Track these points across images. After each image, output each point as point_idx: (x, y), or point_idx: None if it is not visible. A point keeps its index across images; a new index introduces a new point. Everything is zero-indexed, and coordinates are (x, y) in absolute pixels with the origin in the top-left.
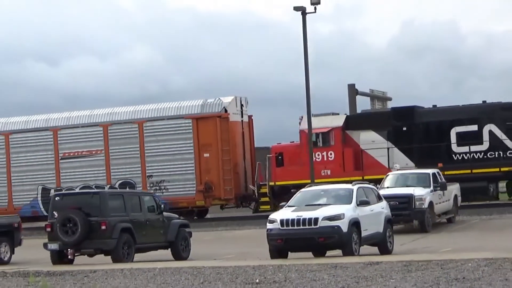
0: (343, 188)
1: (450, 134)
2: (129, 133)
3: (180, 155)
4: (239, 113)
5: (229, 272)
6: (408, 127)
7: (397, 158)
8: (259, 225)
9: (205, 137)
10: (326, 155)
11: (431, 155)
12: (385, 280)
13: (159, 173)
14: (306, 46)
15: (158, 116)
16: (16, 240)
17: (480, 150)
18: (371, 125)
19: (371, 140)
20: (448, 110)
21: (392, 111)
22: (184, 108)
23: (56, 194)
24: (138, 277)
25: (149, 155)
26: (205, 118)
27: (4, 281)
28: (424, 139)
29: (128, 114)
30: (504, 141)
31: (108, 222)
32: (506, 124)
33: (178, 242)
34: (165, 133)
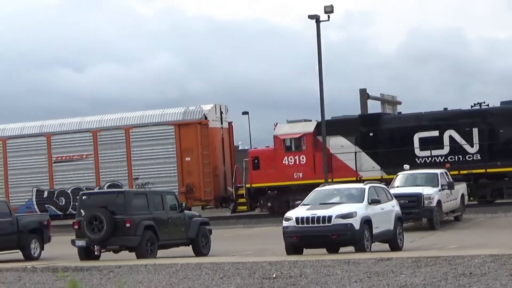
0: (355, 187)
1: (413, 139)
2: (117, 139)
3: (163, 159)
4: (218, 120)
5: (247, 268)
6: (374, 132)
7: (364, 162)
8: (275, 223)
9: (187, 142)
10: (299, 159)
11: (396, 159)
12: (395, 275)
13: (144, 175)
14: (320, 52)
15: (143, 122)
16: (45, 237)
17: (441, 154)
18: (340, 131)
19: (340, 145)
20: (411, 117)
21: (359, 117)
22: (167, 115)
23: (83, 193)
24: (161, 272)
25: (135, 159)
26: (186, 125)
27: (34, 276)
28: (390, 144)
29: (115, 121)
30: (463, 145)
31: (133, 220)
32: (465, 130)
33: (199, 239)
34: (150, 138)
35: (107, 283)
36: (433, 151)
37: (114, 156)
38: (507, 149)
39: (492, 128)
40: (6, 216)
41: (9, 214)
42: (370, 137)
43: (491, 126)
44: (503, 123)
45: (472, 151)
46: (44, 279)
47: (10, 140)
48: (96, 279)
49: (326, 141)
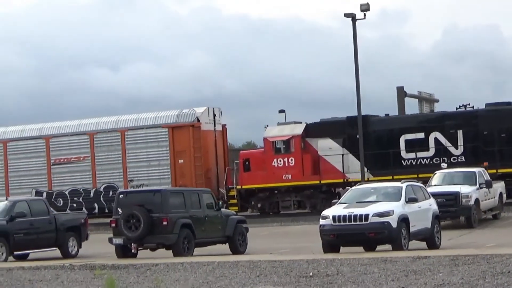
0: (392, 186)
1: (400, 142)
2: (113, 141)
3: (157, 161)
4: (211, 122)
5: (284, 266)
6: (362, 135)
7: (351, 164)
8: (312, 221)
9: (180, 145)
10: (287, 161)
11: (382, 161)
12: (433, 274)
13: (139, 177)
14: (357, 50)
15: (138, 125)
16: (83, 235)
17: (426, 156)
18: (328, 133)
19: (328, 147)
20: (398, 119)
21: (347, 120)
22: (161, 118)
23: (120, 192)
24: (197, 270)
25: (130, 161)
26: (179, 127)
27: (72, 273)
28: (376, 146)
29: (111, 124)
30: (448, 147)
31: (169, 218)
32: (450, 132)
33: (236, 237)
34: (144, 141)
35: (144, 281)
36: (419, 153)
37: (110, 158)
38: (491, 151)
39: (476, 130)
40: (45, 214)
41: (47, 212)
42: (357, 139)
43: (476, 128)
44: (487, 125)
45: (457, 153)
46: (82, 277)
47: (11, 143)
48: (133, 277)
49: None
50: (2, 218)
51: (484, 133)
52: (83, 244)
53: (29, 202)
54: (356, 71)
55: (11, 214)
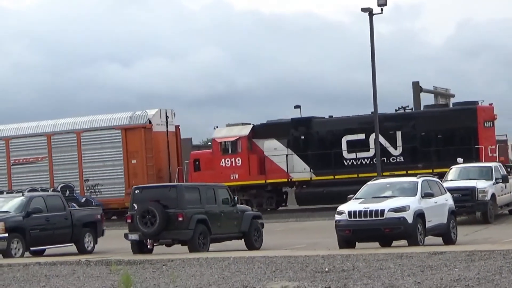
0: (408, 181)
1: (342, 142)
2: (69, 142)
3: (111, 161)
4: (163, 124)
5: (300, 261)
6: (305, 136)
7: (296, 163)
8: (327, 217)
9: (132, 146)
10: (235, 161)
11: (325, 161)
12: (449, 269)
13: (94, 177)
14: (373, 45)
15: (93, 127)
16: (99, 230)
17: (367, 156)
18: (274, 134)
19: (273, 148)
20: (340, 120)
21: (292, 121)
22: (115, 120)
23: (136, 187)
24: (213, 265)
25: (86, 161)
26: (132, 129)
27: (88, 269)
28: (320, 147)
29: (68, 125)
30: (388, 148)
31: (185, 214)
32: (389, 133)
33: (251, 232)
34: (99, 142)
35: (160, 276)
36: (360, 153)
37: (66, 159)
38: (428, 151)
39: (414, 132)
40: (61, 210)
41: (63, 208)
42: (301, 140)
43: (413, 129)
44: (424, 127)
45: (396, 153)
46: (98, 272)
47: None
48: (148, 273)
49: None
50: (18, 214)
51: (422, 134)
52: (99, 240)
53: (45, 197)
54: (373, 66)
55: (27, 209)
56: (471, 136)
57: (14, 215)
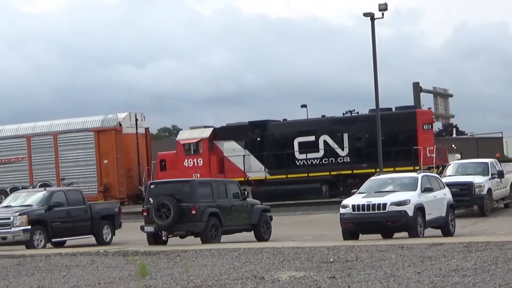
0: (408, 176)
1: (294, 144)
2: (47, 143)
3: (85, 161)
4: (133, 126)
5: (306, 252)
6: (261, 138)
7: (252, 164)
8: (333, 210)
9: (104, 147)
10: (197, 161)
11: (278, 161)
12: (447, 260)
13: (70, 176)
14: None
15: (68, 129)
16: (116, 223)
17: (316, 157)
18: (233, 136)
19: (232, 149)
20: (293, 123)
21: (249, 124)
22: (88, 122)
23: (151, 182)
24: (224, 256)
25: (62, 161)
26: (104, 131)
27: (106, 259)
28: (274, 148)
29: (46, 128)
30: (336, 149)
31: (198, 207)
32: (337, 135)
33: (260, 225)
34: (74, 143)
35: (174, 266)
36: (311, 154)
37: (44, 159)
38: (371, 152)
39: (359, 134)
40: (80, 204)
41: (83, 202)
42: (257, 142)
43: (359, 131)
44: (369, 129)
45: (343, 154)
46: (115, 262)
47: None
48: (163, 263)
49: (223, 144)
50: (40, 207)
51: (366, 136)
52: (117, 232)
53: (66, 192)
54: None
55: (49, 203)
56: (411, 138)
57: (36, 208)
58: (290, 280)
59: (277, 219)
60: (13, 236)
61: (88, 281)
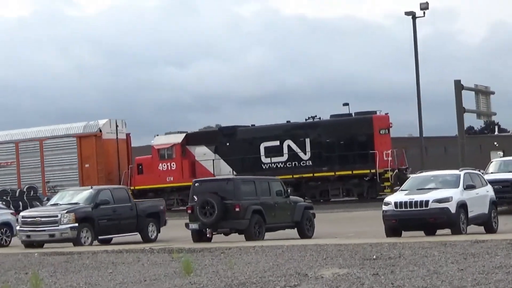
0: (451, 173)
1: (260, 148)
2: (33, 149)
3: (68, 165)
4: (113, 132)
5: (349, 249)
6: (230, 142)
7: (222, 167)
8: (375, 207)
9: (86, 152)
10: (170, 165)
11: (247, 165)
12: (490, 257)
13: (54, 179)
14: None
15: (53, 135)
16: (161, 220)
17: (281, 161)
18: (204, 141)
19: (203, 153)
20: (260, 129)
21: (219, 129)
22: (72, 128)
23: (195, 180)
24: (268, 253)
25: (47, 165)
26: (85, 137)
27: (151, 256)
28: (242, 152)
29: (33, 134)
30: (299, 153)
31: (241, 205)
32: (299, 140)
33: (304, 222)
34: (58, 148)
35: (218, 263)
36: (276, 158)
37: (31, 163)
38: (331, 156)
39: (320, 139)
40: (126, 202)
41: (128, 200)
42: (226, 147)
43: (320, 136)
44: (329, 134)
45: (305, 158)
46: (161, 259)
47: None
48: (208, 260)
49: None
50: (87, 205)
51: (327, 141)
52: (162, 229)
53: (112, 190)
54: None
55: (95, 201)
56: (368, 142)
57: (83, 206)
58: (333, 277)
59: (320, 216)
60: (61, 234)
61: (134, 278)
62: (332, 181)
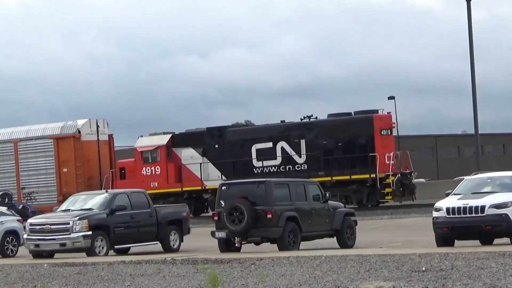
0: (510, 175)
1: (251, 151)
2: (7, 151)
3: (45, 170)
4: (94, 133)
5: (395, 260)
6: (219, 144)
7: (210, 171)
8: (424, 213)
9: (64, 155)
10: (154, 170)
11: (237, 168)
12: None
13: (30, 185)
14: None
15: (28, 136)
16: (184, 228)
17: (274, 164)
18: (191, 143)
19: (189, 156)
20: (251, 130)
21: (207, 130)
22: (48, 129)
23: (222, 183)
24: (304, 264)
25: (22, 170)
26: (63, 138)
27: (174, 268)
28: (232, 155)
29: (6, 135)
30: (293, 156)
31: (274, 211)
32: (294, 142)
33: (344, 230)
34: (34, 151)
35: (248, 276)
36: (268, 161)
37: (5, 167)
38: (328, 159)
39: (316, 140)
40: (145, 207)
41: (148, 205)
42: (215, 149)
43: (316, 138)
44: (326, 135)
45: (300, 161)
46: (184, 271)
47: None
48: (237, 272)
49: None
50: (102, 211)
51: (323, 142)
52: (185, 238)
53: (129, 194)
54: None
55: (111, 207)
56: (368, 144)
57: (98, 212)
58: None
59: (363, 223)
60: (73, 243)
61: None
62: (329, 187)
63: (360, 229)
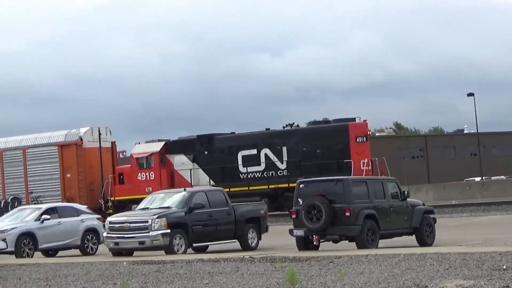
0: None
1: (238, 157)
2: (17, 158)
3: (50, 175)
4: (96, 140)
5: (475, 258)
6: (208, 151)
7: (201, 177)
8: (505, 211)
9: (67, 161)
10: (149, 175)
11: (224, 174)
12: None
13: (37, 190)
14: None
15: (36, 144)
16: (263, 226)
17: (258, 170)
18: (183, 149)
19: (181, 162)
20: (238, 137)
21: (197, 137)
22: (53, 137)
23: (300, 181)
24: (382, 262)
25: (30, 175)
26: (67, 146)
27: (252, 266)
28: (220, 161)
29: (16, 142)
30: (276, 162)
31: (352, 209)
32: (276, 149)
33: (423, 228)
34: (41, 157)
35: (327, 274)
36: (253, 167)
37: (15, 173)
38: (308, 165)
39: (297, 147)
40: (223, 206)
41: (226, 203)
42: (205, 155)
43: (296, 145)
44: (305, 142)
45: (282, 167)
46: (262, 269)
47: None
48: (315, 270)
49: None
50: (180, 209)
51: (303, 149)
52: (263, 236)
53: (207, 192)
54: None
55: (189, 205)
56: (344, 151)
57: (176, 210)
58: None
59: (442, 221)
60: (152, 241)
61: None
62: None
63: (440, 227)
